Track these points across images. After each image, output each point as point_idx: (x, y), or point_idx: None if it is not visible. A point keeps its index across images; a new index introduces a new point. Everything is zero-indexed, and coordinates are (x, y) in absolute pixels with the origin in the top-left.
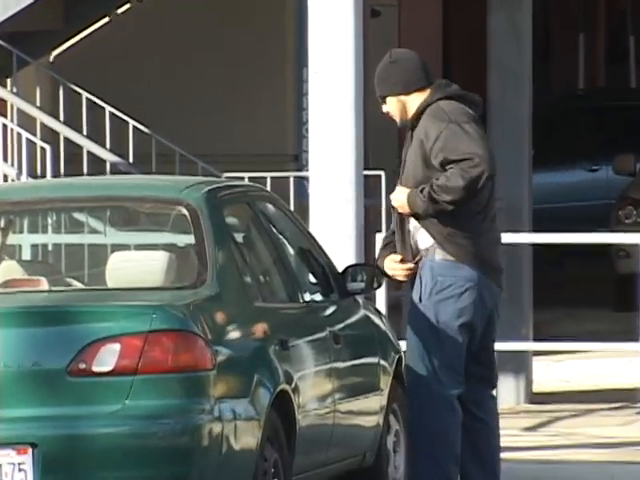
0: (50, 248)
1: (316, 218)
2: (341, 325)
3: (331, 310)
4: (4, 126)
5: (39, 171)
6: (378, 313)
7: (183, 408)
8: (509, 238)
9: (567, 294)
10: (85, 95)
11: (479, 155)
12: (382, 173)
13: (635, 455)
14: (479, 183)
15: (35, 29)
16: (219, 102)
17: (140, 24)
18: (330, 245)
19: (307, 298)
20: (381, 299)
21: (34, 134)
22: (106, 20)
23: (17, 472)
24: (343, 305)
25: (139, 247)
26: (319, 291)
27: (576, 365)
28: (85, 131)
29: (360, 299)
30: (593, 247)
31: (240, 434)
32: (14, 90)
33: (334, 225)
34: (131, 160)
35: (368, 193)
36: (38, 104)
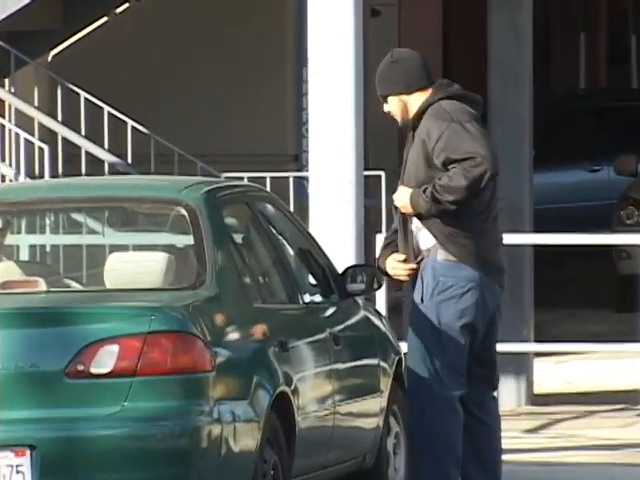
0: (48, 249)
1: (316, 218)
2: (341, 326)
3: (331, 311)
4: (2, 126)
5: (37, 171)
6: (378, 314)
7: (182, 410)
8: (510, 239)
9: (568, 295)
10: (83, 95)
11: (481, 154)
12: (382, 173)
13: (636, 457)
14: (482, 182)
15: (33, 29)
16: (219, 102)
17: (139, 24)
18: (330, 246)
19: (307, 299)
20: (381, 300)
21: (32, 134)
22: (105, 20)
23: (15, 474)
24: (343, 306)
25: (138, 248)
26: (319, 292)
27: (577, 366)
28: (83, 131)
29: (360, 300)
30: (594, 248)
31: (239, 436)
32: (12, 90)
33: (334, 225)
34: (130, 160)
35: (368, 193)
36: (36, 104)
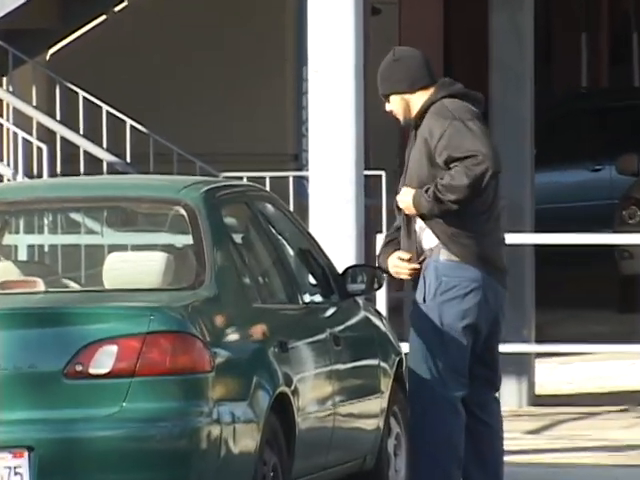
0: (46, 249)
1: (316, 218)
2: (341, 327)
3: (331, 311)
4: (0, 125)
5: (35, 171)
6: (378, 314)
7: (181, 411)
8: (511, 239)
9: (570, 295)
10: (82, 94)
11: (482, 152)
12: (383, 173)
13: (639, 458)
14: (484, 180)
15: (31, 27)
16: (219, 102)
17: (138, 22)
18: (330, 245)
19: (307, 299)
20: (382, 300)
21: (30, 133)
22: (103, 18)
23: (13, 475)
24: (343, 306)
25: (136, 248)
26: (319, 292)
27: (579, 367)
28: (82, 130)
29: (360, 300)
30: (596, 248)
31: (239, 437)
32: (10, 89)
33: (334, 225)
34: (128, 160)
35: (369, 193)
36: (34, 103)
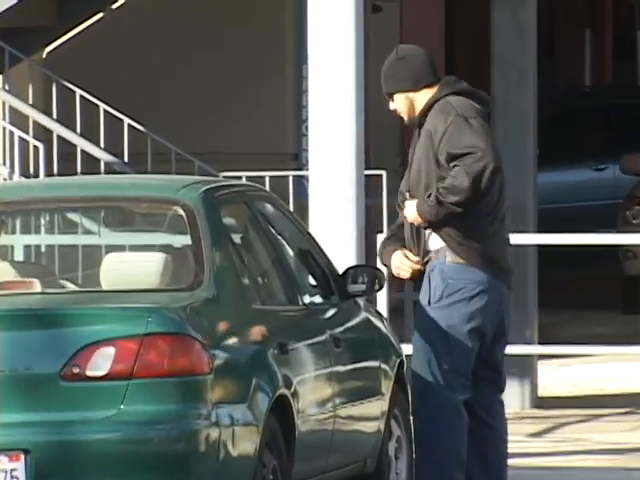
0: (43, 249)
1: (316, 218)
2: (341, 328)
3: (331, 313)
4: None
5: (32, 170)
6: (379, 315)
7: (179, 413)
8: (514, 239)
9: (573, 296)
10: (79, 92)
11: (481, 148)
12: (383, 172)
13: None
14: (484, 177)
15: (28, 25)
16: (218, 101)
17: (135, 20)
18: (330, 246)
19: (307, 300)
20: (382, 301)
21: (27, 132)
22: (100, 16)
23: (9, 479)
24: (343, 307)
25: (134, 248)
26: (319, 293)
27: (583, 369)
28: (79, 129)
29: (361, 301)
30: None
31: (238, 440)
32: (6, 87)
33: (334, 225)
34: (126, 159)
35: (369, 193)
36: (31, 102)
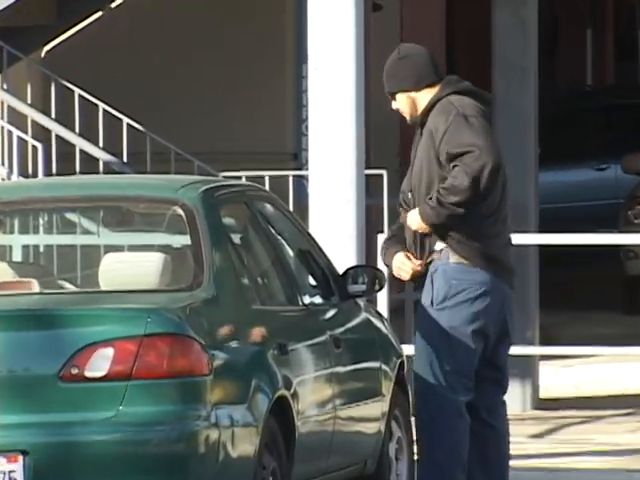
0: (42, 249)
1: (316, 218)
2: (342, 329)
3: (331, 313)
4: None
5: (30, 170)
6: (380, 316)
7: (179, 414)
8: (516, 239)
9: (575, 296)
10: (78, 92)
11: (479, 146)
12: (384, 172)
13: None
14: (483, 175)
15: (26, 24)
16: (218, 100)
17: (134, 19)
18: (330, 246)
19: (306, 301)
20: (383, 302)
21: (25, 132)
22: (99, 15)
23: None
24: (344, 308)
25: (133, 248)
26: (319, 294)
27: (584, 370)
28: (78, 129)
29: (361, 302)
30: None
31: (237, 441)
32: (5, 87)
33: (334, 225)
34: (125, 159)
35: (369, 192)
36: (29, 101)
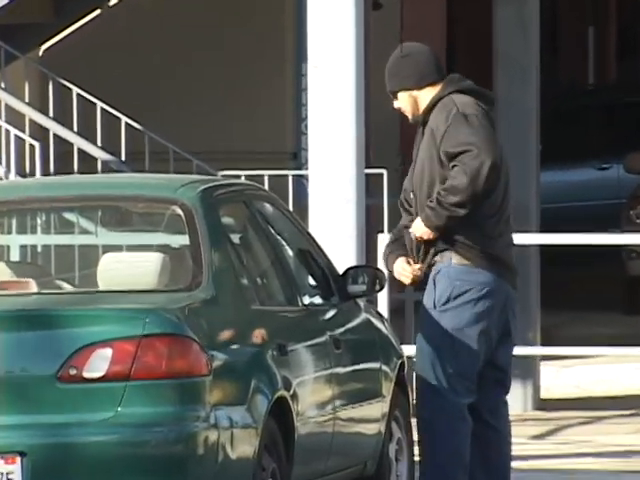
0: (39, 249)
1: (316, 218)
2: (341, 329)
3: (331, 314)
4: None
5: (28, 169)
6: (380, 317)
7: (177, 415)
8: (517, 239)
9: (576, 296)
10: (76, 90)
11: (477, 145)
12: (384, 171)
13: None
14: (482, 174)
15: (24, 22)
16: (218, 100)
17: (133, 17)
18: (330, 246)
19: (306, 301)
20: (383, 302)
21: (23, 131)
22: (97, 13)
23: None
24: (344, 308)
25: (132, 248)
26: (319, 294)
27: (586, 370)
28: (75, 128)
29: (361, 302)
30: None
31: (237, 442)
32: (2, 85)
33: (334, 225)
34: (123, 158)
35: (370, 192)
36: (27, 100)
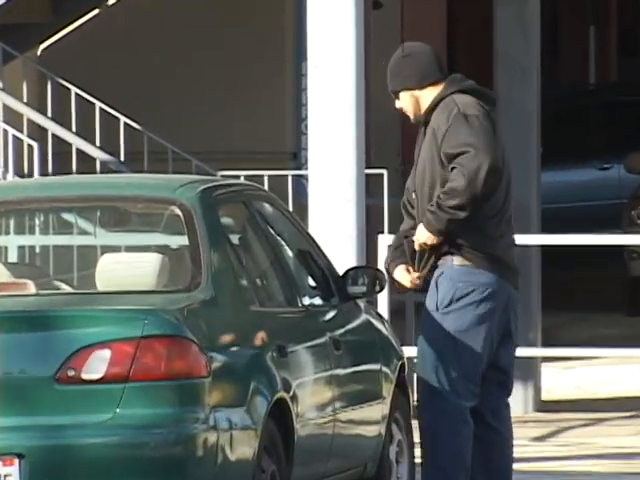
0: (38, 250)
1: (315, 218)
2: (342, 330)
3: (331, 315)
4: None
5: (26, 169)
6: (380, 318)
7: (176, 417)
8: (518, 239)
9: (577, 297)
10: (74, 90)
11: (474, 146)
12: (384, 171)
13: None
14: (480, 176)
15: (22, 21)
16: (218, 100)
17: (132, 16)
18: (330, 246)
19: (306, 302)
20: (383, 303)
21: (21, 131)
22: (96, 12)
23: None
24: (344, 309)
25: (130, 249)
26: (319, 295)
27: (587, 372)
28: (74, 128)
29: (361, 303)
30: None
31: (236, 444)
32: (0, 85)
33: (334, 226)
34: (122, 158)
35: (370, 192)
36: (25, 100)
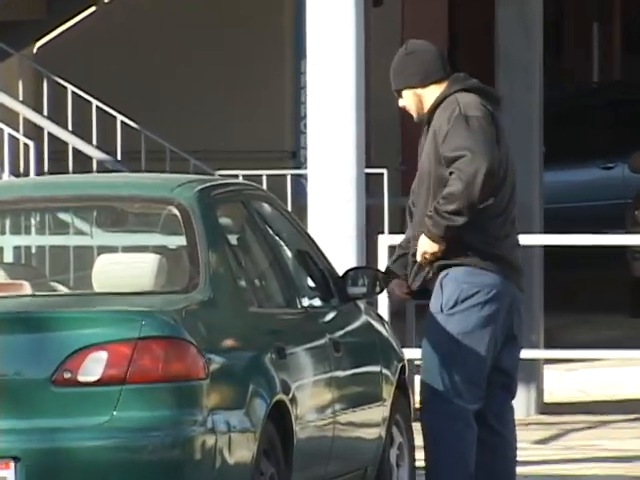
0: (33, 250)
1: (315, 218)
2: (341, 332)
3: (331, 316)
4: None
5: (22, 169)
6: (380, 319)
7: (174, 420)
8: (520, 240)
9: (580, 298)
10: (70, 88)
11: (472, 150)
12: (384, 171)
13: None
14: (477, 180)
15: (17, 19)
16: (216, 99)
17: (128, 13)
18: (330, 247)
19: (305, 303)
20: (384, 304)
21: (17, 130)
22: (92, 9)
23: None
24: (343, 311)
25: (127, 249)
26: (318, 296)
27: (590, 374)
28: (70, 126)
29: (361, 304)
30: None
31: (235, 447)
32: None
33: (334, 226)
34: (119, 157)
35: (370, 192)
36: (21, 98)
